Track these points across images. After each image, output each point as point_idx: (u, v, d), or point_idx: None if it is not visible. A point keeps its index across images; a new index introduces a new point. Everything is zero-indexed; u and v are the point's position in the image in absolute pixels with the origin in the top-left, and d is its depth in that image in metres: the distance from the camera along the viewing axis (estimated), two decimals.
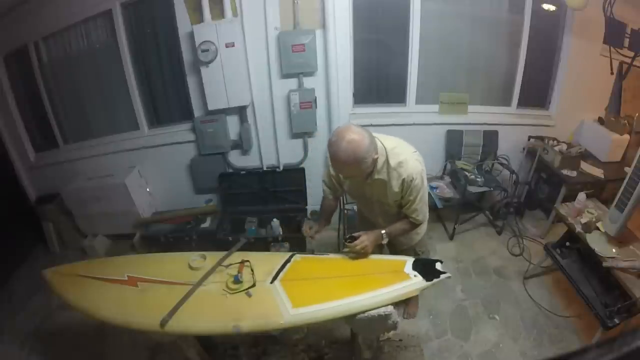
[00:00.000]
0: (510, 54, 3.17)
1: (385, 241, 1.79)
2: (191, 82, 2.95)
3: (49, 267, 1.98)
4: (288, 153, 3.21)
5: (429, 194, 3.07)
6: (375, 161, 1.59)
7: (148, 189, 3.34)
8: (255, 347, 2.27)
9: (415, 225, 1.81)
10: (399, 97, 3.23)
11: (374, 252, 1.85)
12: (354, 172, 1.58)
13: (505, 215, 3.23)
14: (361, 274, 1.82)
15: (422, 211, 1.77)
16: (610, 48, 2.93)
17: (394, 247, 2.03)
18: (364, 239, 1.75)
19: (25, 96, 3.22)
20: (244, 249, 2.07)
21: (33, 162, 3.39)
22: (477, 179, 3.05)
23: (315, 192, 3.32)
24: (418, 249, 2.08)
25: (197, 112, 3.05)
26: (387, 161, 1.64)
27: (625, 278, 2.01)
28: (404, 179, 1.64)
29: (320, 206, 2.13)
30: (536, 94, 3.33)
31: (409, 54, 3.04)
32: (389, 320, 1.69)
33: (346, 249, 1.80)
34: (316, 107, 2.99)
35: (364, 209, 2.06)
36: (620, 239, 2.20)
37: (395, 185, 1.67)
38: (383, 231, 1.78)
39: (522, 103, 3.31)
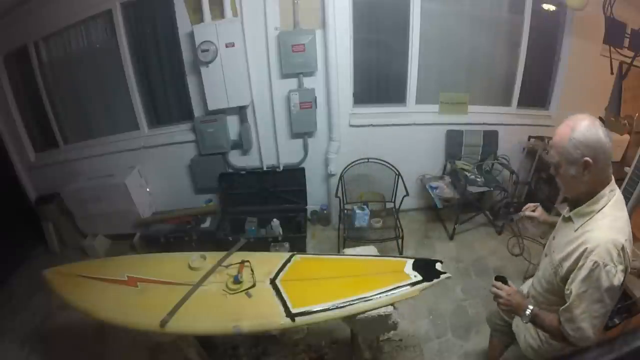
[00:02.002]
0: (510, 54, 3.17)
1: (525, 320, 1.31)
2: (191, 82, 2.95)
3: (49, 267, 1.98)
4: (288, 153, 3.21)
5: (430, 194, 3.11)
6: (583, 168, 1.14)
7: (148, 189, 3.34)
8: (255, 347, 2.27)
9: (565, 339, 1.23)
10: (399, 97, 3.23)
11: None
12: (556, 156, 1.20)
13: (505, 215, 3.23)
14: (361, 274, 1.83)
15: (578, 322, 1.16)
16: (610, 48, 2.93)
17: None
18: (506, 290, 1.35)
19: (25, 96, 3.22)
20: (244, 249, 2.08)
21: (33, 162, 3.39)
22: (477, 179, 3.06)
23: (315, 192, 3.33)
24: None
25: (197, 112, 3.05)
26: (595, 214, 1.19)
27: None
28: (585, 249, 1.14)
29: None
30: (536, 94, 3.34)
31: (409, 53, 3.04)
32: (389, 320, 1.69)
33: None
34: (316, 107, 2.99)
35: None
36: None
37: (573, 245, 1.20)
38: (531, 307, 1.30)
39: (522, 103, 3.31)
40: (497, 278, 1.42)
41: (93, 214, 3.19)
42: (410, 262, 1.83)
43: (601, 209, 1.18)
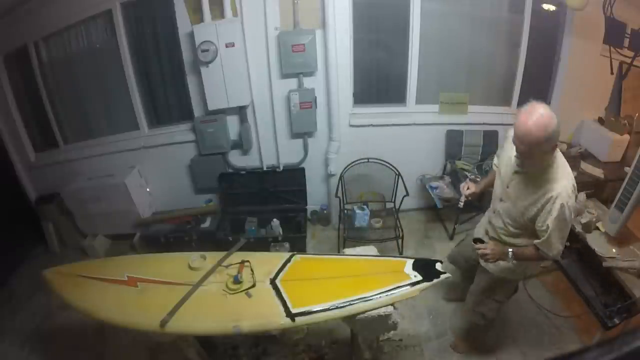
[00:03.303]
0: (510, 54, 3.17)
1: (510, 261, 1.68)
2: (191, 82, 2.95)
3: (49, 267, 1.98)
4: (288, 153, 3.21)
5: (430, 194, 3.11)
6: (552, 152, 1.50)
7: (148, 189, 3.34)
8: (255, 347, 2.27)
9: (543, 258, 1.65)
10: (399, 97, 3.23)
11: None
12: (532, 148, 1.45)
13: None
14: (361, 274, 1.83)
15: (555, 246, 1.57)
16: (610, 48, 2.92)
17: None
18: (489, 247, 1.69)
19: (25, 96, 3.21)
20: (244, 249, 2.08)
21: (33, 162, 3.39)
22: (477, 179, 3.05)
23: (315, 192, 3.33)
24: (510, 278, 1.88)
25: (197, 112, 3.05)
26: (549, 167, 1.54)
27: (625, 278, 2.01)
28: (551, 196, 1.50)
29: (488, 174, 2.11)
30: (536, 94, 3.28)
31: (409, 54, 3.04)
32: (389, 320, 1.69)
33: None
34: (316, 107, 2.98)
35: (492, 210, 1.86)
36: (620, 239, 2.21)
37: (537, 194, 1.54)
38: (511, 249, 1.66)
39: (522, 103, 3.24)
40: (476, 240, 1.74)
41: (93, 214, 3.19)
42: (410, 262, 1.83)
43: (554, 162, 1.55)
